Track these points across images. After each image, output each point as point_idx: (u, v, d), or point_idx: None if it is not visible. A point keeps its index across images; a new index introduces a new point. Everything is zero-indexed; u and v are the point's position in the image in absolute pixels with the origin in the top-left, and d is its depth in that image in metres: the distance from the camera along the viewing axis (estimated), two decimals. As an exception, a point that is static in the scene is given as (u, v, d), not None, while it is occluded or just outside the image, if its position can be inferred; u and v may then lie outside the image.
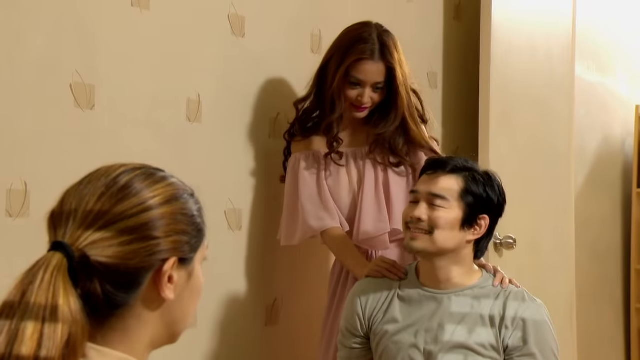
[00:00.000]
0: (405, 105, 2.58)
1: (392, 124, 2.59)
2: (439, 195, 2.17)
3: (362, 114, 2.60)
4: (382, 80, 2.56)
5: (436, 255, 2.18)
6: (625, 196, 4.55)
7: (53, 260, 1.02)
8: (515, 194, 3.33)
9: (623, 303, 4.50)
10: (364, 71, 2.54)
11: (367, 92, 2.55)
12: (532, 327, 2.15)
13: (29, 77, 2.13)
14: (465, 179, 2.19)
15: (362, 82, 2.55)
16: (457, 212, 2.16)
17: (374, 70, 2.55)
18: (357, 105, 2.58)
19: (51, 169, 2.16)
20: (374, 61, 2.54)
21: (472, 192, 2.18)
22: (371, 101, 2.58)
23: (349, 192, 2.61)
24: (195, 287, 1.15)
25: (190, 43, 2.52)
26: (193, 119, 2.53)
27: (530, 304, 2.18)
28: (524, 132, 3.43)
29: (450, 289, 2.20)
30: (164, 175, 1.13)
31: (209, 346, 2.60)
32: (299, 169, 2.61)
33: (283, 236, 2.64)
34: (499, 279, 2.23)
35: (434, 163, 2.26)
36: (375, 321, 2.27)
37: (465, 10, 3.52)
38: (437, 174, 2.20)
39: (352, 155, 2.65)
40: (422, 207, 2.18)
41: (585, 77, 4.09)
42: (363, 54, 2.53)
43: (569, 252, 3.68)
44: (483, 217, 2.19)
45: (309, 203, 2.57)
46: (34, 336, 0.97)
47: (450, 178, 2.19)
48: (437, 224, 2.15)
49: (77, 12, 2.23)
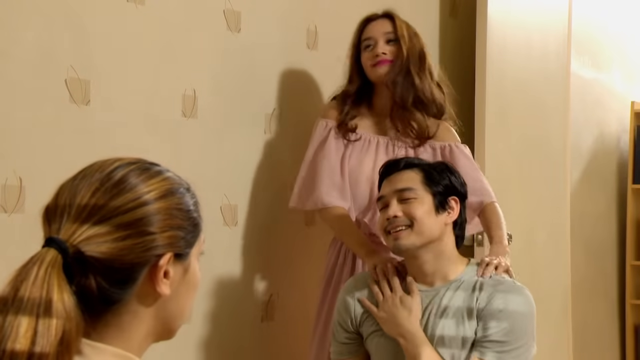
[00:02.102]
0: (405, 53, 2.61)
1: (399, 70, 2.60)
2: (406, 188, 2.20)
3: (382, 68, 2.61)
4: (391, 30, 2.63)
5: (422, 248, 2.18)
6: (620, 192, 4.56)
7: (47, 256, 1.01)
8: (511, 190, 3.34)
9: (618, 299, 4.51)
10: (370, 29, 2.65)
11: (379, 44, 2.62)
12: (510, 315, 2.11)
13: (24, 72, 2.13)
14: (422, 170, 2.24)
15: (373, 39, 2.63)
16: (428, 197, 2.20)
17: (379, 25, 2.65)
18: (374, 62, 2.61)
19: (46, 164, 2.15)
20: (378, 20, 2.67)
21: (434, 179, 2.22)
22: (388, 53, 2.61)
23: (368, 180, 2.60)
24: (192, 282, 1.14)
25: (185, 38, 2.52)
26: (188, 115, 2.53)
27: (510, 293, 2.15)
28: (519, 128, 3.44)
29: (437, 282, 2.20)
30: (160, 170, 1.12)
31: (204, 342, 2.60)
32: (327, 139, 2.63)
33: (295, 198, 2.64)
34: (481, 268, 2.22)
35: (387, 166, 2.31)
36: (365, 317, 2.27)
37: (461, 7, 3.52)
38: (394, 174, 2.25)
39: (384, 144, 2.66)
40: (393, 205, 2.20)
41: (580, 74, 4.09)
42: (368, 17, 2.68)
43: (564, 248, 3.68)
44: (453, 198, 2.23)
45: (327, 179, 2.58)
46: (28, 333, 0.97)
47: (408, 172, 2.24)
48: (414, 215, 2.17)
49: (73, 7, 2.23)
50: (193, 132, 2.54)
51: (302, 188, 2.63)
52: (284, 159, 2.80)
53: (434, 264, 2.20)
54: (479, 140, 3.20)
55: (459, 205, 2.24)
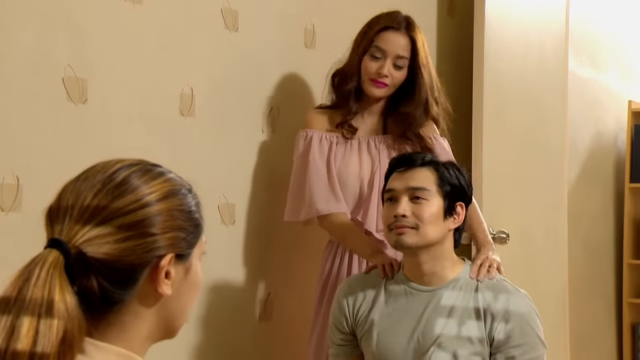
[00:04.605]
0: (428, 87, 2.56)
1: (417, 106, 2.56)
2: (420, 187, 2.17)
3: (380, 91, 2.57)
4: (406, 55, 2.55)
5: (422, 249, 2.17)
6: (617, 191, 4.57)
7: (49, 257, 1.02)
8: (509, 189, 3.34)
9: (615, 297, 4.52)
10: (388, 40, 2.55)
11: (387, 64, 2.54)
12: (517, 320, 2.14)
13: (21, 71, 2.12)
14: (436, 170, 2.21)
15: (384, 53, 2.54)
16: (439, 201, 2.18)
17: (399, 42, 2.55)
18: (376, 79, 2.55)
19: (43, 163, 2.15)
20: (400, 32, 2.56)
21: (447, 181, 2.20)
22: (391, 78, 2.55)
23: (357, 179, 2.59)
24: (194, 283, 1.14)
25: (183, 37, 2.52)
26: (186, 114, 2.52)
27: (513, 296, 2.17)
28: (517, 127, 3.44)
29: (435, 283, 2.20)
30: (162, 171, 1.12)
31: (202, 341, 2.60)
32: (309, 149, 2.60)
33: (288, 212, 2.63)
34: (475, 269, 2.23)
35: (403, 160, 2.26)
36: (360, 318, 2.27)
37: (459, 6, 3.52)
38: (409, 169, 2.21)
39: (365, 142, 2.63)
40: (403, 203, 2.17)
41: (578, 73, 4.10)
42: (391, 22, 2.56)
43: (561, 247, 3.68)
44: (460, 204, 2.21)
45: (317, 186, 2.55)
46: (29, 333, 0.97)
47: (423, 170, 2.20)
48: (422, 218, 2.15)
49: (70, 5, 2.22)
50: (190, 131, 2.54)
51: (293, 201, 2.61)
52: (281, 157, 2.80)
53: (432, 265, 2.20)
54: (477, 139, 3.20)
55: (464, 212, 2.22)
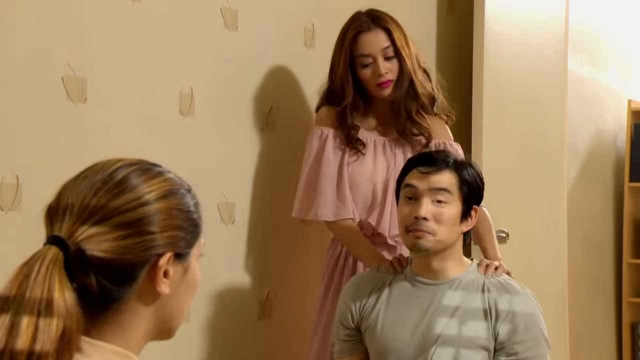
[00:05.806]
0: (410, 66, 2.57)
1: (402, 86, 2.57)
2: (443, 189, 2.15)
3: (387, 90, 2.57)
4: (388, 44, 2.56)
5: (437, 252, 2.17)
6: (617, 190, 4.57)
7: (49, 254, 1.02)
8: (508, 188, 3.34)
9: (615, 297, 4.52)
10: (366, 43, 2.56)
11: (379, 62, 2.55)
12: (522, 318, 2.14)
13: (21, 70, 2.12)
14: (457, 171, 2.18)
15: (370, 56, 2.55)
16: (458, 205, 2.16)
17: (374, 38, 2.56)
18: (378, 82, 2.56)
19: (43, 162, 2.15)
20: (370, 30, 2.56)
21: (467, 183, 2.18)
22: (390, 72, 2.56)
23: (369, 181, 2.59)
24: (191, 283, 1.15)
25: (183, 36, 2.51)
26: (186, 113, 2.52)
27: (519, 295, 2.18)
28: (516, 126, 3.44)
29: (442, 278, 2.20)
30: (161, 171, 1.13)
31: (201, 340, 2.60)
32: (324, 147, 2.59)
33: (297, 208, 2.62)
34: (482, 267, 2.23)
35: (425, 158, 2.22)
36: (366, 312, 2.26)
37: (458, 5, 3.52)
38: (433, 170, 2.17)
39: (381, 144, 2.63)
40: (425, 204, 2.14)
41: (577, 72, 4.10)
42: (359, 26, 2.57)
43: (561, 246, 3.69)
44: (474, 207, 2.21)
45: (328, 188, 2.55)
46: (29, 330, 0.98)
47: (446, 172, 2.18)
48: (441, 221, 2.13)
49: (69, 4, 2.22)
50: (190, 130, 2.54)
51: (304, 199, 2.60)
52: (281, 156, 2.80)
53: (440, 263, 2.19)
54: (476, 138, 3.21)
55: (477, 215, 2.22)
